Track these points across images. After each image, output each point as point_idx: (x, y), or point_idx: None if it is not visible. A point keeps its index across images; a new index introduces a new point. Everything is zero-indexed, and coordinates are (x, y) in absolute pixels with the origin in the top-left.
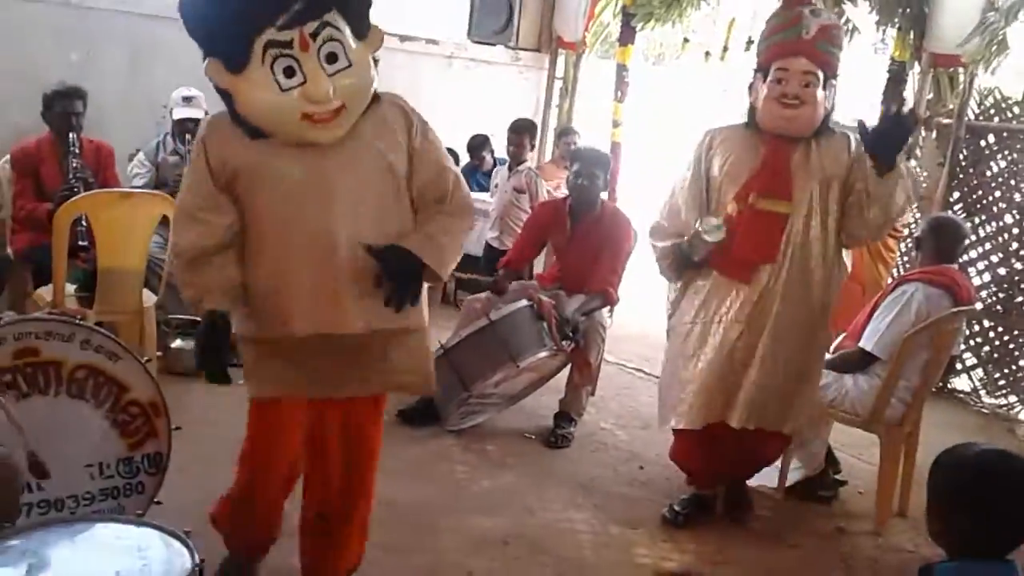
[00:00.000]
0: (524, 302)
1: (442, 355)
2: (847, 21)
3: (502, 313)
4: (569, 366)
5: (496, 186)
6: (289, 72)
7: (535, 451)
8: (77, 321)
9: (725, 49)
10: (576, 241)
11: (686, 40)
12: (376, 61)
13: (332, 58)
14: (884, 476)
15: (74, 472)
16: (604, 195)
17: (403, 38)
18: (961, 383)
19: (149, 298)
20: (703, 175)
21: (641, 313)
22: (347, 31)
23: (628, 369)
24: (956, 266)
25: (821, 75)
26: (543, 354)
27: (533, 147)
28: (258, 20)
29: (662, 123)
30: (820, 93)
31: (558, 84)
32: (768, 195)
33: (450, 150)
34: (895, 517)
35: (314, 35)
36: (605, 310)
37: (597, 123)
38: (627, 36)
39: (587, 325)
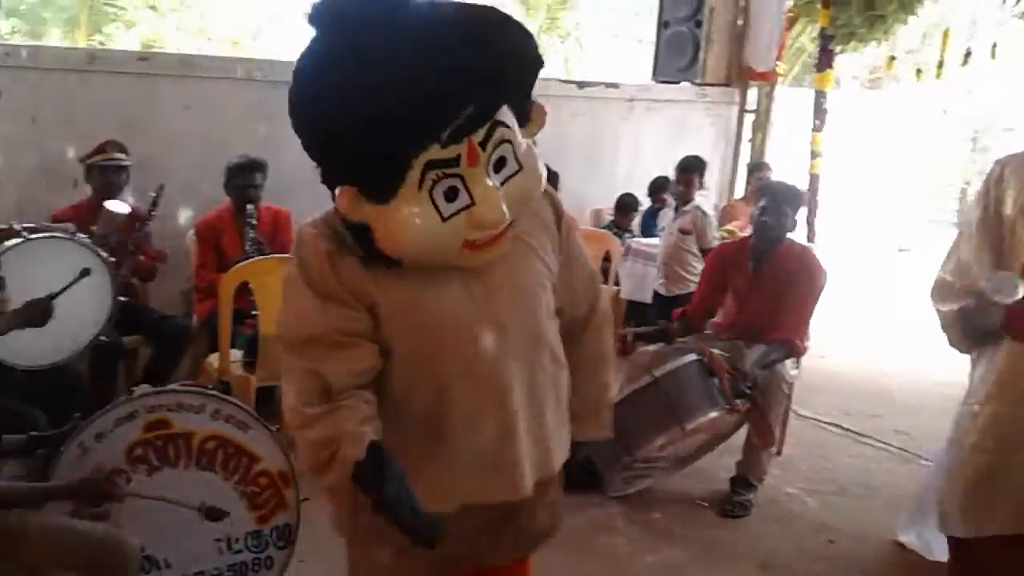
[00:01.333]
0: (692, 356)
1: None
2: None
3: (666, 369)
4: (747, 425)
5: (662, 229)
6: (451, 194)
7: (707, 521)
8: (208, 391)
9: (940, 64)
10: (758, 284)
11: (893, 58)
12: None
13: (501, 164)
14: None
15: (202, 547)
16: (793, 235)
17: (581, 84)
18: None
19: None
20: (993, 215)
21: (840, 359)
22: (514, 123)
23: (823, 424)
24: None
25: None
26: (713, 414)
27: (702, 186)
28: (421, 136)
29: (875, 150)
30: None
31: (749, 118)
32: None
33: (630, 195)
34: None
35: (484, 143)
36: (790, 362)
37: (794, 155)
38: (825, 61)
39: (768, 379)
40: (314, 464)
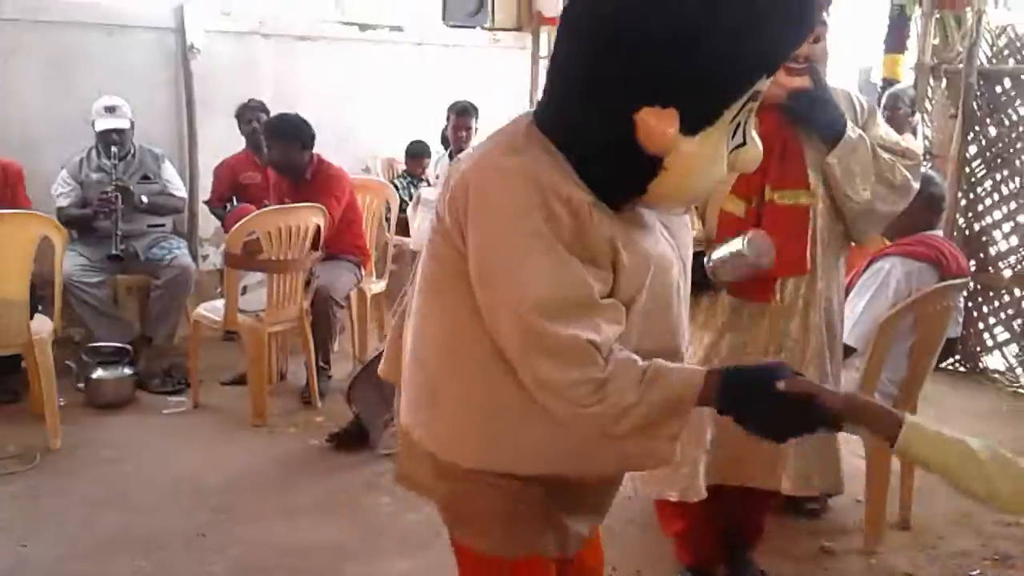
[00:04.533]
0: None
1: (362, 371)
2: None
3: None
4: None
5: (438, 177)
6: (734, 131)
7: None
8: None
9: None
10: None
11: None
12: None
13: None
14: (873, 485)
15: None
16: None
17: (363, 27)
18: (994, 361)
19: (42, 327)
20: None
21: None
22: None
23: None
24: (940, 233)
25: (827, 19)
26: None
27: (476, 131)
28: (779, 60)
29: None
30: (827, 45)
31: (544, 64)
32: (783, 185)
33: (419, 142)
34: (896, 530)
35: None
36: None
37: None
38: None
39: None
40: (640, 418)
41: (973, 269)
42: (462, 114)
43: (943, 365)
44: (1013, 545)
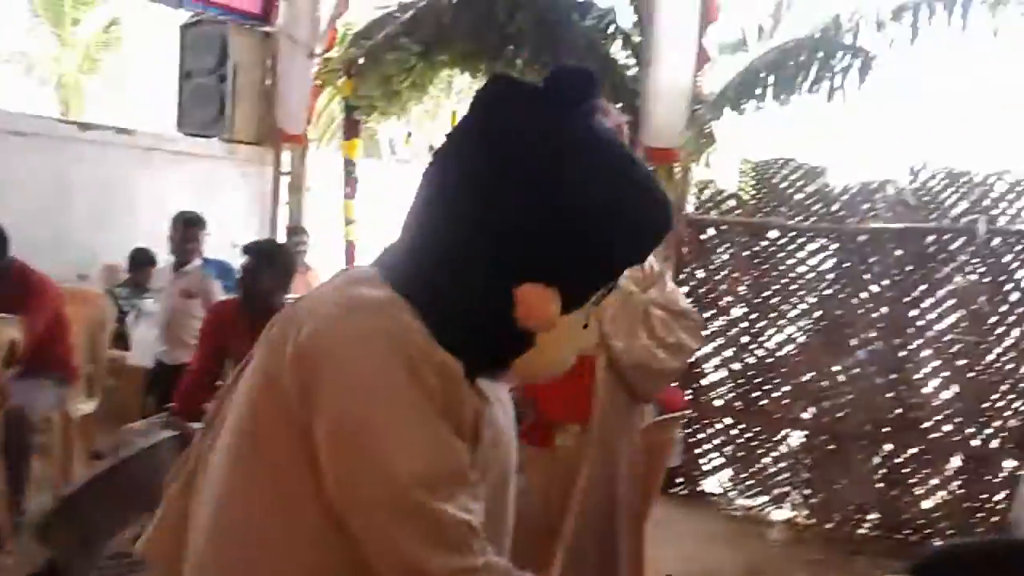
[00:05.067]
0: (167, 433)
1: (61, 505)
2: None
3: (135, 449)
4: None
5: (161, 290)
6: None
7: None
8: None
9: None
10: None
11: (409, 135)
12: None
13: None
14: None
15: None
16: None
17: (84, 127)
18: (711, 485)
19: None
20: None
21: None
22: None
23: None
24: None
25: None
26: None
27: (203, 242)
28: (648, 249)
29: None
30: None
31: (286, 180)
32: None
33: (142, 250)
34: None
35: None
36: None
37: (332, 221)
38: (351, 129)
39: None
40: None
41: (689, 399)
42: (189, 225)
43: (670, 490)
44: None
